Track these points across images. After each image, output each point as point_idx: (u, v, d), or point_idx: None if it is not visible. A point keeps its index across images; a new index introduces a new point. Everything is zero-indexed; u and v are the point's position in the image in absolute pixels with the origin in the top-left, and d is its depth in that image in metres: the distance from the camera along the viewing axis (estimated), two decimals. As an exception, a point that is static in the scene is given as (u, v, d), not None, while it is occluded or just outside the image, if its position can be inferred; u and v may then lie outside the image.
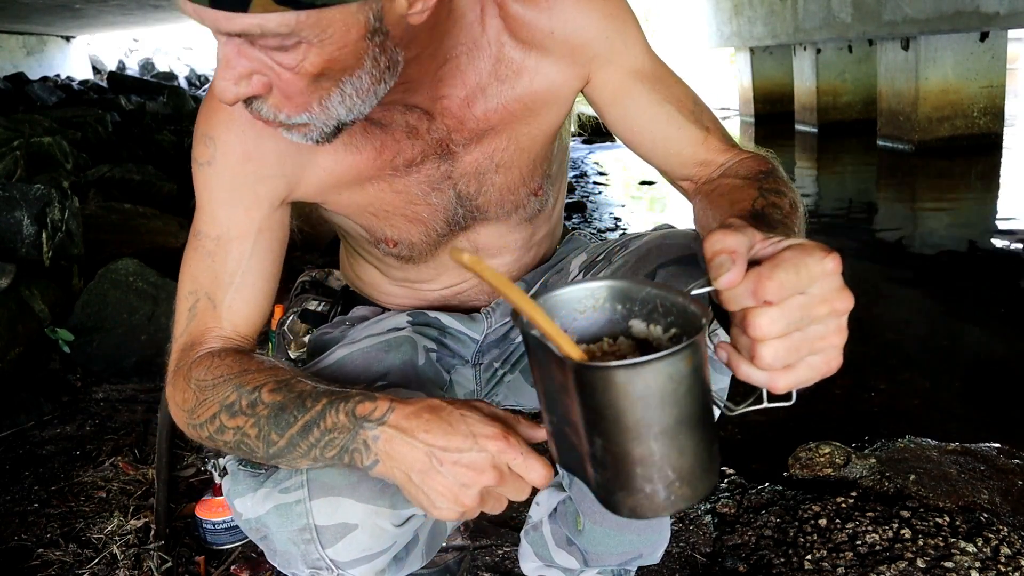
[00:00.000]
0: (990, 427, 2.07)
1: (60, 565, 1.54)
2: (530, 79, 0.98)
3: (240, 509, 0.91)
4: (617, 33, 0.99)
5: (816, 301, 0.60)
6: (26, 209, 2.65)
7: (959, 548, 1.40)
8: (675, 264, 0.95)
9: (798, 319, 0.61)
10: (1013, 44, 7.69)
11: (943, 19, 6.30)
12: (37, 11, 9.79)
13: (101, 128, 6.15)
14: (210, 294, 0.92)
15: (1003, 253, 3.92)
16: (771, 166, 0.97)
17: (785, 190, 0.91)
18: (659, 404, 0.57)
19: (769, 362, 0.61)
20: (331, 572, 0.91)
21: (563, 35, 0.97)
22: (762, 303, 0.60)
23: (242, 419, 0.81)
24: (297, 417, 0.77)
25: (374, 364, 1.00)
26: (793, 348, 0.61)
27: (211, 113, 0.91)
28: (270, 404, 0.79)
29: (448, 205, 1.03)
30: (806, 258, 0.60)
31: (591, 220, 4.90)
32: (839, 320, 0.62)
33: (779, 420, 2.18)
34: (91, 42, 16.39)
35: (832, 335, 0.63)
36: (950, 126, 6.93)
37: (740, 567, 1.46)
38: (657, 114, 1.01)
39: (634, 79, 1.00)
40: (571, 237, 1.28)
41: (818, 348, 0.62)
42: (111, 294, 2.57)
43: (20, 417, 2.19)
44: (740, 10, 10.24)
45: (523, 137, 1.02)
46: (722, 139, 1.03)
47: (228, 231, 0.92)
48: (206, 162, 0.91)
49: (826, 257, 0.60)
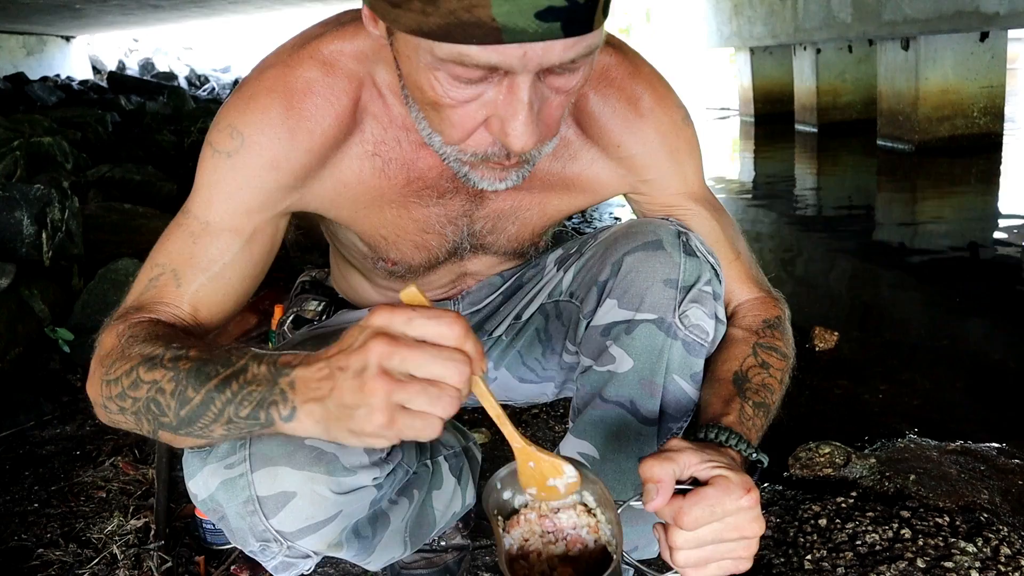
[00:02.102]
0: (990, 427, 2.07)
1: (60, 565, 1.54)
2: (581, 168, 1.01)
3: (195, 490, 0.91)
4: (677, 166, 1.03)
5: (728, 528, 0.73)
6: (26, 209, 2.65)
7: (959, 548, 1.40)
8: (641, 250, 0.98)
9: (709, 539, 0.73)
10: (1013, 44, 7.69)
11: (943, 19, 6.30)
12: (37, 11, 9.79)
13: (101, 128, 6.16)
14: (178, 272, 0.89)
15: (1003, 253, 3.92)
16: (777, 314, 1.05)
17: (779, 344, 1.01)
18: None
19: (680, 564, 0.75)
20: (280, 544, 0.91)
21: (628, 152, 1.00)
22: None
23: (160, 372, 0.76)
24: (220, 370, 0.73)
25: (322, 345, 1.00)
26: (704, 557, 0.74)
27: (245, 108, 0.88)
28: (195, 359, 0.76)
29: (458, 238, 1.05)
30: (724, 497, 0.72)
31: (591, 220, 4.90)
32: (749, 541, 0.74)
33: (779, 420, 2.18)
34: (91, 42, 16.40)
35: (740, 551, 0.74)
36: (950, 126, 6.92)
37: (740, 567, 1.46)
38: (695, 229, 1.04)
39: (681, 198, 1.06)
40: (557, 235, 1.29)
41: (729, 557, 0.74)
42: (111, 294, 2.57)
43: (20, 417, 2.19)
44: (740, 10, 10.24)
45: (551, 207, 1.06)
46: (746, 270, 1.09)
47: (221, 221, 0.90)
48: (225, 152, 0.89)
49: (744, 496, 0.72)
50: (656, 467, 0.73)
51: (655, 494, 0.73)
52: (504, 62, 0.67)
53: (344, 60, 0.89)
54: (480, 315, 1.19)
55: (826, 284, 3.61)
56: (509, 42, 0.65)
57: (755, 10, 9.79)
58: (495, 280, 1.17)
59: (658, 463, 0.74)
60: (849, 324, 3.02)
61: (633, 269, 0.98)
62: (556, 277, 1.12)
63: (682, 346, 0.97)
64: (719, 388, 0.96)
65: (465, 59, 0.67)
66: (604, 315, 1.00)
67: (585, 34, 0.67)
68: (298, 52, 0.89)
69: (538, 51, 0.66)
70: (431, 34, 0.67)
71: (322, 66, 0.89)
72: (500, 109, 0.72)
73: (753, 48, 10.35)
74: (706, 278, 0.98)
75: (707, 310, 0.97)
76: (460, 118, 0.75)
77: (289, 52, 0.90)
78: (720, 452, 0.80)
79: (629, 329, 0.97)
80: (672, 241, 0.97)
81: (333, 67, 0.89)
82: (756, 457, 0.86)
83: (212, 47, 21.06)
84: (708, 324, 0.98)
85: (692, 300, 0.96)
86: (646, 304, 0.97)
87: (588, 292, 1.04)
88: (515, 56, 0.66)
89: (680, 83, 16.76)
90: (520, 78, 0.69)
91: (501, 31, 0.64)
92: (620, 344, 0.98)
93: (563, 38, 0.66)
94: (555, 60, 0.68)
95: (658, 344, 0.96)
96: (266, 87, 0.88)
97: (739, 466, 0.81)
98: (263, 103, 0.88)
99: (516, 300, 1.17)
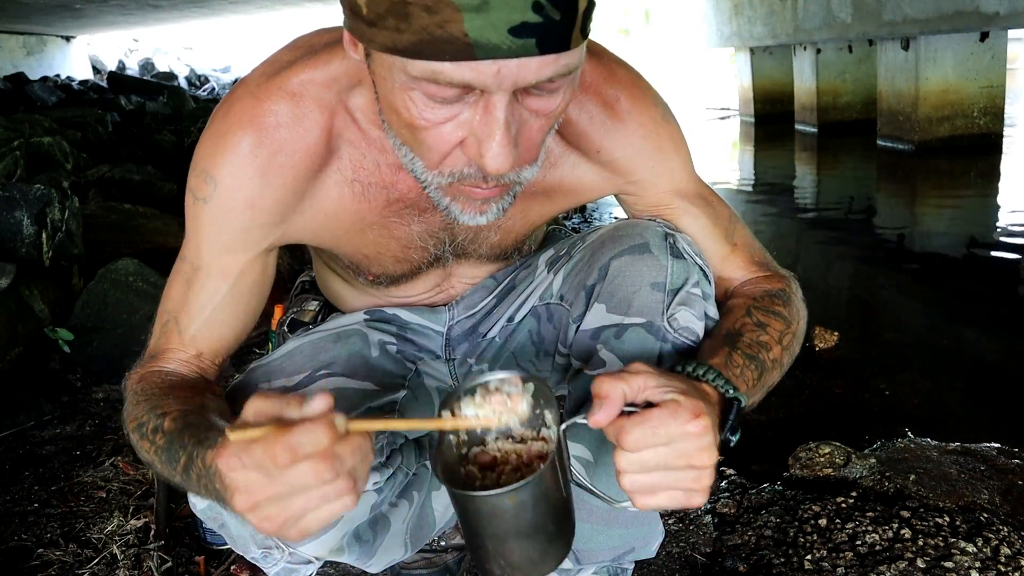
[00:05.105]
0: (990, 427, 2.07)
1: (60, 565, 1.54)
2: (561, 173, 0.99)
3: (195, 500, 0.93)
4: (664, 164, 1.01)
5: (675, 454, 0.69)
6: (26, 209, 2.65)
7: (959, 548, 1.40)
8: (628, 253, 0.98)
9: (654, 465, 0.70)
10: (1013, 44, 7.68)
11: (943, 19, 6.30)
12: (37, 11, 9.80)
13: (101, 128, 6.15)
14: (178, 319, 0.94)
15: (1003, 253, 3.92)
16: (781, 287, 1.02)
17: (779, 309, 0.98)
18: (487, 522, 0.76)
19: (627, 488, 0.72)
20: (281, 551, 0.92)
21: (610, 156, 0.98)
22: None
23: (147, 444, 0.82)
24: (179, 457, 0.77)
25: (320, 353, 1.01)
26: (652, 483, 0.71)
27: (216, 151, 0.88)
28: (167, 435, 0.80)
29: (440, 250, 1.05)
30: (669, 420, 0.69)
31: (591, 220, 4.90)
32: (699, 472, 0.71)
33: (779, 420, 2.18)
34: (91, 42, 16.40)
35: (691, 482, 0.71)
36: (950, 126, 6.92)
37: (740, 567, 1.46)
38: (687, 224, 1.03)
39: (672, 196, 1.03)
40: (549, 234, 1.28)
41: (678, 488, 0.71)
42: (111, 294, 2.57)
43: (20, 417, 2.19)
44: (740, 10, 10.24)
45: (533, 213, 1.04)
46: (747, 258, 1.07)
47: (209, 266, 0.93)
48: (203, 199, 0.90)
49: (691, 421, 0.69)
50: (606, 384, 0.72)
51: (598, 409, 0.71)
52: (478, 79, 0.66)
53: (314, 89, 0.88)
54: (475, 318, 1.18)
55: (826, 284, 3.61)
56: (482, 58, 0.64)
57: (755, 10, 9.79)
58: (488, 283, 1.17)
59: (609, 380, 0.72)
60: (849, 324, 3.03)
61: (620, 273, 0.97)
62: (547, 280, 1.12)
63: (672, 349, 0.96)
64: (709, 343, 0.94)
65: (439, 76, 0.66)
66: (593, 319, 1.00)
67: (561, 52, 0.66)
68: (267, 84, 0.88)
69: (513, 68, 0.65)
70: (404, 51, 0.66)
71: (291, 97, 0.87)
72: (476, 129, 0.71)
73: (753, 48, 10.35)
74: (694, 280, 0.97)
75: (696, 312, 0.97)
76: (435, 140, 0.73)
77: (257, 83, 0.89)
78: (692, 385, 0.77)
79: (618, 334, 0.97)
80: (659, 244, 0.97)
81: (302, 98, 0.87)
82: (733, 394, 0.81)
83: (212, 47, 21.05)
84: (697, 326, 0.97)
85: (680, 303, 0.96)
86: (634, 308, 0.96)
87: (577, 296, 1.04)
88: (489, 73, 0.65)
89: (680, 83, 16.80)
90: (496, 97, 0.68)
91: (474, 47, 0.63)
92: (610, 348, 0.98)
93: (538, 55, 0.65)
94: (531, 78, 0.67)
95: (648, 348, 0.96)
96: (235, 123, 0.88)
97: (714, 404, 0.78)
98: (232, 141, 0.87)
99: (509, 302, 1.16)
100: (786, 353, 0.96)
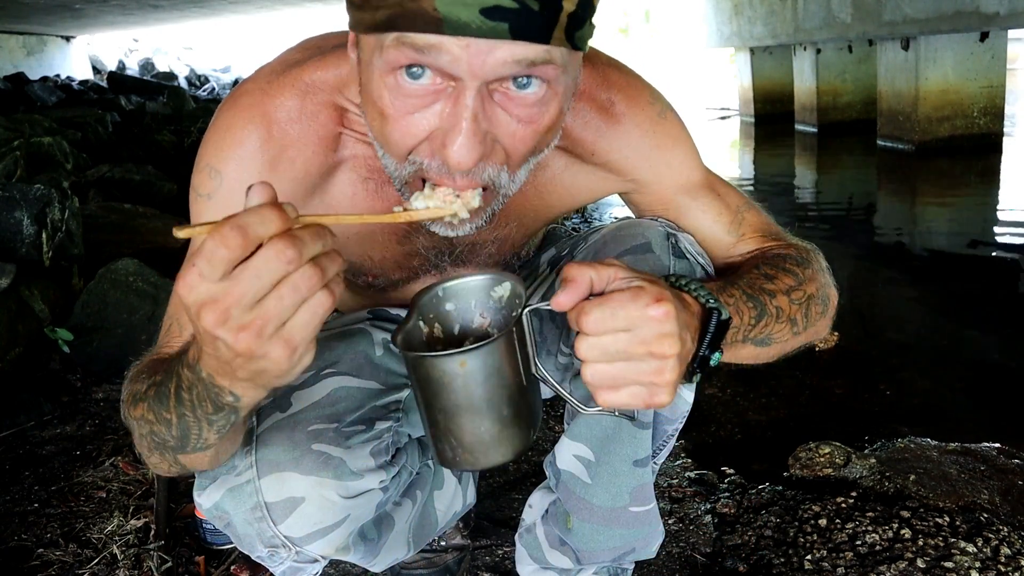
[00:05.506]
0: (990, 427, 2.07)
1: (60, 565, 1.54)
2: (553, 174, 0.99)
3: (200, 501, 0.92)
4: (664, 161, 0.99)
5: (636, 341, 0.66)
6: (26, 209, 2.65)
7: (959, 548, 1.40)
8: (629, 254, 0.97)
9: (614, 353, 0.67)
10: (1013, 44, 7.69)
11: (943, 19, 6.30)
12: (37, 11, 9.80)
13: (101, 128, 6.16)
14: (179, 319, 0.92)
15: (1003, 253, 3.92)
16: (799, 250, 0.98)
17: (789, 266, 0.94)
18: (437, 390, 0.73)
19: (588, 380, 0.68)
20: (288, 549, 0.92)
21: (605, 157, 0.97)
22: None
23: (143, 406, 0.78)
24: (169, 388, 0.73)
25: (324, 351, 1.00)
26: (613, 375, 0.68)
27: (222, 145, 0.87)
28: (156, 383, 0.76)
29: (439, 259, 1.04)
30: (630, 303, 0.66)
31: (591, 220, 4.90)
32: (661, 362, 0.67)
33: (779, 420, 2.18)
34: (91, 42, 16.40)
35: (652, 374, 0.67)
36: (950, 126, 6.93)
37: (740, 567, 1.46)
38: (694, 219, 1.02)
39: (676, 192, 1.02)
40: (550, 234, 1.28)
41: (641, 381, 0.68)
42: (111, 294, 2.57)
43: (20, 417, 2.18)
44: (740, 10, 10.24)
45: (528, 220, 1.03)
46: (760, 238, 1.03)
47: None
48: (206, 195, 0.88)
49: (651, 304, 0.66)
50: (574, 268, 0.69)
51: (563, 292, 0.69)
52: (442, 56, 0.66)
53: (325, 88, 0.87)
54: None
55: (826, 284, 3.61)
56: (450, 34, 0.64)
57: (755, 10, 9.79)
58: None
59: (578, 265, 0.70)
60: (849, 324, 3.03)
61: None
62: (549, 279, 1.12)
63: None
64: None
65: (406, 40, 0.66)
66: None
67: (536, 43, 0.66)
68: (277, 80, 0.87)
69: (482, 48, 0.65)
70: (380, 26, 0.67)
71: (302, 94, 0.86)
72: (443, 121, 0.71)
73: (753, 48, 10.35)
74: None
75: None
76: (404, 130, 0.73)
77: (268, 78, 0.88)
78: (670, 289, 0.74)
79: None
80: (661, 243, 0.96)
81: (313, 95, 0.87)
82: (714, 304, 0.77)
83: (212, 47, 21.05)
84: None
85: None
86: None
87: None
88: (457, 48, 0.65)
89: (680, 83, 16.79)
90: (467, 89, 0.68)
91: (443, 22, 0.64)
92: None
93: (509, 39, 0.65)
94: (501, 68, 0.66)
95: None
96: (243, 116, 0.86)
97: (695, 314, 0.75)
98: (239, 135, 0.86)
99: None
100: (796, 309, 0.92)
